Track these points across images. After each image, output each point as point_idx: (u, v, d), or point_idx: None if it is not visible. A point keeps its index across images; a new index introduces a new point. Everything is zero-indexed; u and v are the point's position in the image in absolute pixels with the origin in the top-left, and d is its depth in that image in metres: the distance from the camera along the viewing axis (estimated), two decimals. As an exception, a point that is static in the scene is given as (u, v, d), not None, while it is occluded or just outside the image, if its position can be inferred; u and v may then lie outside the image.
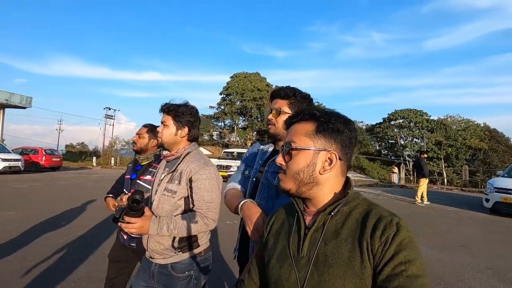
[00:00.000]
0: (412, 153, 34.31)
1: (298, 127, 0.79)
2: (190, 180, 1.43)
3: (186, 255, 1.45)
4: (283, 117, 1.35)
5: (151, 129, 2.11)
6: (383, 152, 39.07)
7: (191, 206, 1.45)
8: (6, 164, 14.08)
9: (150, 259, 1.49)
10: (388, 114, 37.68)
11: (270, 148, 1.49)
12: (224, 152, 17.59)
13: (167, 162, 1.58)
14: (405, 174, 24.16)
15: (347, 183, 0.79)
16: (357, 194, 0.77)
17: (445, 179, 26.41)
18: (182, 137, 1.54)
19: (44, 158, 17.31)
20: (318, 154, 0.75)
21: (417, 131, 35.59)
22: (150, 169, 1.98)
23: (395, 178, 19.97)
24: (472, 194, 13.43)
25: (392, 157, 35.92)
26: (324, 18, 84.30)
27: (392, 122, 36.93)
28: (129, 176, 2.03)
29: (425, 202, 9.66)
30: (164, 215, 1.42)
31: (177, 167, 1.48)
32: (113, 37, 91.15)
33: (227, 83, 39.16)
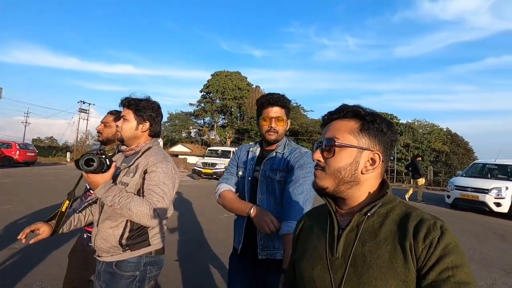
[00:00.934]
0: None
1: (341, 124, 0.76)
2: (145, 172, 1.38)
3: (134, 254, 1.36)
4: (284, 125, 1.48)
5: (118, 117, 1.93)
6: (356, 153, 40.87)
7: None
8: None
9: (97, 257, 1.43)
10: (362, 116, 39.65)
11: (258, 149, 1.58)
12: (209, 150, 17.86)
13: (125, 157, 1.53)
14: (377, 174, 26.07)
15: (383, 185, 0.77)
16: (394, 197, 0.74)
17: (411, 179, 28.64)
18: (143, 131, 1.49)
19: (18, 152, 16.60)
20: (362, 153, 0.73)
21: (388, 134, 37.81)
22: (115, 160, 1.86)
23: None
24: (435, 192, 14.91)
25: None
26: (301, 20, 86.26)
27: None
28: None
29: (419, 199, 10.76)
30: (113, 208, 1.35)
31: (135, 161, 1.42)
32: (82, 26, 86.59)
33: (208, 81, 39.09)
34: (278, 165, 1.46)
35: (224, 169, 14.75)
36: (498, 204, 8.11)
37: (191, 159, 35.82)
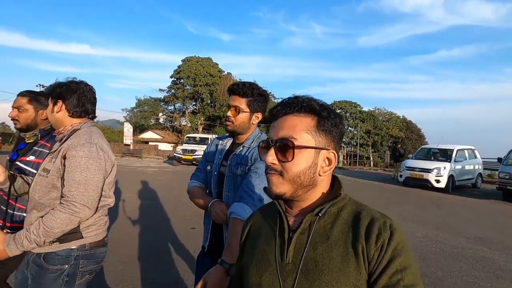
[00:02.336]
0: (347, 139, 39.09)
1: (296, 120, 0.69)
2: (64, 157, 1.25)
3: (62, 246, 1.26)
4: (242, 115, 1.38)
5: (34, 98, 1.68)
6: (322, 139, 43.32)
7: (62, 187, 1.25)
8: None
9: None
10: (329, 104, 41.89)
11: (228, 142, 1.51)
12: (187, 137, 18.36)
13: (59, 142, 1.39)
14: (343, 158, 28.43)
15: (333, 182, 0.74)
16: (345, 194, 0.71)
17: (372, 162, 31.49)
18: (58, 112, 1.35)
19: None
20: (319, 153, 0.69)
21: (352, 121, 40.44)
22: (36, 147, 1.62)
23: (334, 161, 23.62)
24: (391, 173, 17.03)
25: (330, 143, 40.32)
26: (270, 4, 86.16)
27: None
28: (9, 157, 1.66)
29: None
30: (37, 198, 1.26)
31: (61, 145, 1.30)
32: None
33: (179, 67, 38.44)
34: (241, 159, 1.40)
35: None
36: (437, 181, 9.98)
37: (162, 146, 35.53)
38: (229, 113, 1.39)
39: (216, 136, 1.51)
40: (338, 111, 30.96)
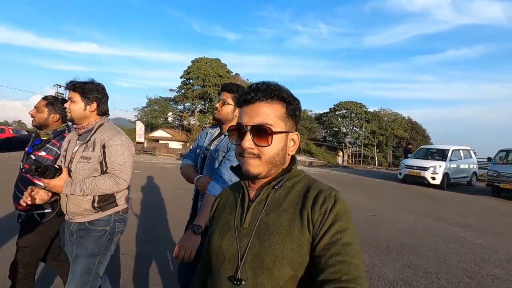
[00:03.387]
0: (352, 140, 39.81)
1: (269, 108, 0.76)
2: (104, 146, 1.56)
3: (105, 213, 1.59)
4: (227, 107, 1.63)
5: (51, 102, 1.96)
6: (328, 139, 44.02)
7: (104, 168, 1.57)
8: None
9: (69, 220, 1.61)
10: (334, 104, 42.48)
11: (217, 131, 1.74)
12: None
13: (79, 135, 1.65)
14: (347, 157, 29.41)
15: (291, 160, 0.83)
16: (300, 171, 0.81)
17: (376, 162, 32.27)
18: (91, 111, 1.63)
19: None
20: (287, 135, 0.78)
21: (357, 121, 41.05)
22: (48, 145, 1.89)
23: (339, 160, 24.43)
24: (393, 172, 17.89)
25: (335, 143, 41.06)
26: (275, 4, 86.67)
27: (337, 112, 41.81)
28: (26, 149, 1.94)
29: None
30: (81, 179, 1.54)
31: (90, 137, 1.59)
32: None
33: (188, 67, 39.62)
34: (220, 145, 1.63)
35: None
36: (433, 178, 10.87)
37: (172, 144, 36.72)
38: (217, 105, 1.65)
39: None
40: (344, 111, 31.91)
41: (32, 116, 1.94)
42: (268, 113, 0.75)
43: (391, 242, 4.36)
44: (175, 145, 37.23)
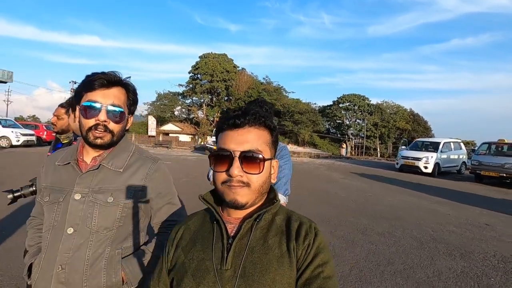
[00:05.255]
0: (355, 132, 41.27)
1: (258, 134, 0.73)
2: None
3: None
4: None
5: (69, 108, 2.03)
6: (331, 131, 45.48)
7: None
8: (25, 138, 15.82)
9: None
10: (337, 97, 43.82)
11: None
12: (215, 130, 21.18)
13: None
14: (351, 149, 31.11)
15: (270, 187, 0.78)
16: (278, 202, 0.76)
17: (379, 153, 33.89)
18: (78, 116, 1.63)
19: (45, 133, 18.88)
20: (271, 163, 0.75)
21: (360, 114, 42.37)
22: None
23: (343, 152, 26.16)
24: (392, 162, 19.52)
25: (339, 135, 42.55)
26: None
27: (340, 105, 43.12)
28: (50, 154, 1.91)
29: None
30: None
31: None
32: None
33: (197, 63, 41.01)
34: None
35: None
36: (425, 167, 12.51)
37: (182, 137, 38.48)
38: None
39: None
40: (347, 104, 33.59)
41: (53, 124, 2.06)
42: (257, 139, 0.72)
43: (383, 213, 6.01)
44: (185, 138, 38.96)
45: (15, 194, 1.51)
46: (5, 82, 22.45)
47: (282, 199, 1.35)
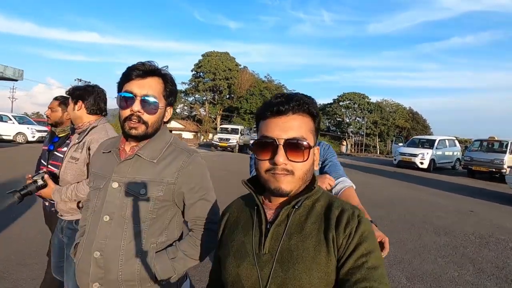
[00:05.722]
0: (355, 129, 41.96)
1: (302, 121, 0.72)
2: (89, 148, 1.59)
3: None
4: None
5: (63, 101, 2.05)
6: (331, 129, 46.10)
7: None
8: (40, 134, 16.51)
9: (60, 217, 1.68)
10: (338, 95, 44.40)
11: None
12: (220, 128, 21.96)
13: (78, 134, 1.72)
14: (351, 146, 31.90)
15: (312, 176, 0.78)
16: (318, 187, 0.76)
17: (378, 150, 34.67)
18: (79, 110, 1.69)
19: (56, 129, 19.58)
20: (314, 150, 0.75)
21: (360, 112, 42.99)
22: (67, 141, 1.96)
23: (343, 148, 26.96)
24: (391, 158, 20.27)
25: (339, 133, 43.21)
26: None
27: (341, 103, 43.71)
28: (46, 148, 2.01)
29: None
30: (69, 180, 1.61)
31: (83, 138, 1.64)
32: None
33: (199, 61, 41.58)
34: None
35: (235, 143, 19.10)
36: (421, 163, 13.26)
37: (185, 135, 39.17)
38: None
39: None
40: (347, 102, 34.21)
41: (47, 117, 2.08)
42: (301, 126, 0.71)
43: (380, 202, 6.74)
44: (188, 135, 39.66)
45: (22, 193, 1.57)
46: (16, 80, 22.98)
47: (349, 183, 1.42)
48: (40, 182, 1.61)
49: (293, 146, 0.69)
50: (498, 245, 4.24)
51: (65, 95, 2.01)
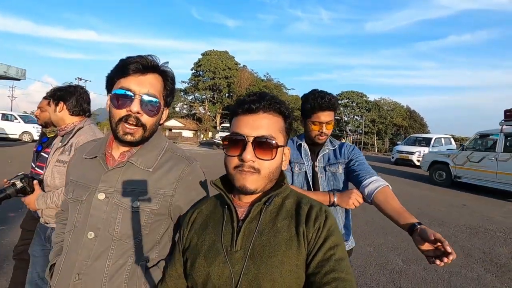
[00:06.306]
0: (353, 128, 42.40)
1: (272, 120, 0.73)
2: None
3: None
4: (332, 127, 1.48)
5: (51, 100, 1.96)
6: (330, 127, 46.32)
7: None
8: (44, 133, 16.78)
9: (45, 224, 1.55)
10: (336, 94, 44.74)
11: (299, 142, 1.55)
12: (222, 126, 22.37)
13: (61, 137, 1.64)
14: (348, 145, 32.62)
15: (280, 174, 0.80)
16: (286, 185, 0.78)
17: (376, 149, 35.19)
18: (60, 111, 1.61)
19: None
20: (283, 150, 0.76)
21: (358, 110, 43.43)
22: (54, 141, 1.89)
23: (342, 147, 27.59)
24: (389, 156, 20.73)
25: (337, 131, 43.57)
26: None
27: (339, 102, 43.71)
28: (35, 149, 1.95)
29: None
30: (58, 184, 1.50)
31: (69, 141, 1.55)
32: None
33: (199, 60, 41.82)
34: (335, 159, 1.51)
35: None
36: (418, 161, 13.64)
37: (185, 133, 39.39)
38: (325, 130, 1.43)
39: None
40: (345, 101, 34.69)
41: (36, 117, 2.01)
42: (271, 125, 0.73)
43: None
44: (187, 134, 39.88)
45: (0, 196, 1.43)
46: (19, 79, 23.16)
47: (383, 182, 1.35)
48: (19, 184, 1.47)
49: (262, 144, 0.71)
50: (486, 234, 4.65)
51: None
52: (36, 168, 1.83)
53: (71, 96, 1.63)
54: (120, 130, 0.86)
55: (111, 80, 0.89)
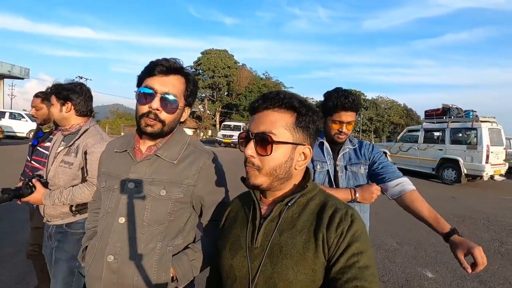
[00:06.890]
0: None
1: (276, 116, 0.73)
2: (85, 153, 1.53)
3: (83, 216, 1.53)
4: (352, 126, 1.48)
5: (45, 97, 1.99)
6: (328, 125, 46.69)
7: (85, 175, 1.53)
8: (51, 132, 17.13)
9: (47, 222, 1.59)
10: (335, 93, 45.15)
11: (320, 140, 1.53)
12: (223, 125, 22.95)
13: (64, 136, 1.62)
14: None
15: (305, 174, 0.80)
16: (314, 185, 0.78)
17: (373, 146, 35.88)
18: (67, 112, 1.58)
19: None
20: (296, 148, 0.74)
21: (356, 109, 43.79)
22: (51, 136, 1.92)
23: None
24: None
25: (336, 129, 43.97)
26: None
27: (337, 100, 44.45)
28: (31, 143, 1.97)
29: None
30: (62, 184, 1.52)
31: (74, 142, 1.55)
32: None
33: (199, 59, 42.10)
34: (357, 159, 1.52)
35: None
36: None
37: (185, 131, 39.55)
38: (345, 129, 1.43)
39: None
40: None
41: (34, 117, 2.02)
42: (273, 121, 0.72)
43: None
44: (187, 132, 39.25)
45: (15, 193, 1.46)
46: (23, 78, 23.44)
47: (411, 186, 1.41)
48: (6, 195, 1.43)
49: (260, 140, 0.71)
50: (471, 221, 5.24)
51: (44, 90, 1.98)
52: (32, 162, 1.90)
53: (78, 96, 1.60)
54: (143, 122, 0.95)
55: (141, 79, 0.99)
